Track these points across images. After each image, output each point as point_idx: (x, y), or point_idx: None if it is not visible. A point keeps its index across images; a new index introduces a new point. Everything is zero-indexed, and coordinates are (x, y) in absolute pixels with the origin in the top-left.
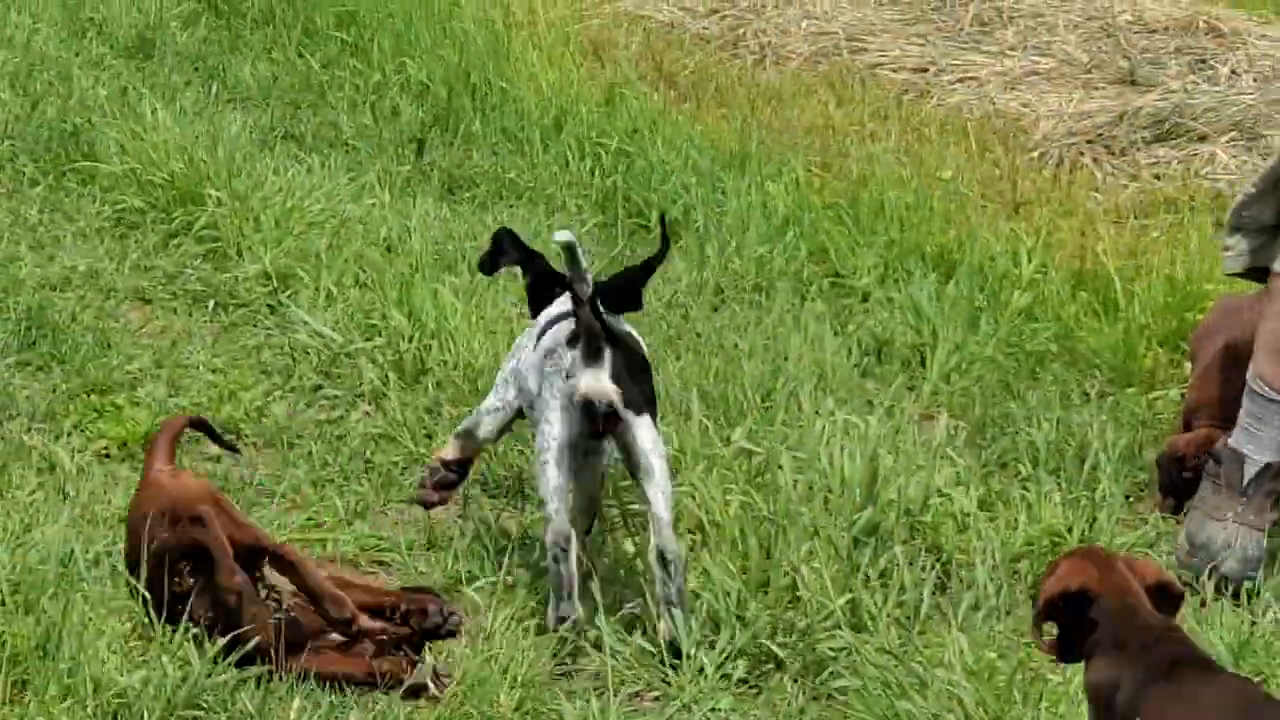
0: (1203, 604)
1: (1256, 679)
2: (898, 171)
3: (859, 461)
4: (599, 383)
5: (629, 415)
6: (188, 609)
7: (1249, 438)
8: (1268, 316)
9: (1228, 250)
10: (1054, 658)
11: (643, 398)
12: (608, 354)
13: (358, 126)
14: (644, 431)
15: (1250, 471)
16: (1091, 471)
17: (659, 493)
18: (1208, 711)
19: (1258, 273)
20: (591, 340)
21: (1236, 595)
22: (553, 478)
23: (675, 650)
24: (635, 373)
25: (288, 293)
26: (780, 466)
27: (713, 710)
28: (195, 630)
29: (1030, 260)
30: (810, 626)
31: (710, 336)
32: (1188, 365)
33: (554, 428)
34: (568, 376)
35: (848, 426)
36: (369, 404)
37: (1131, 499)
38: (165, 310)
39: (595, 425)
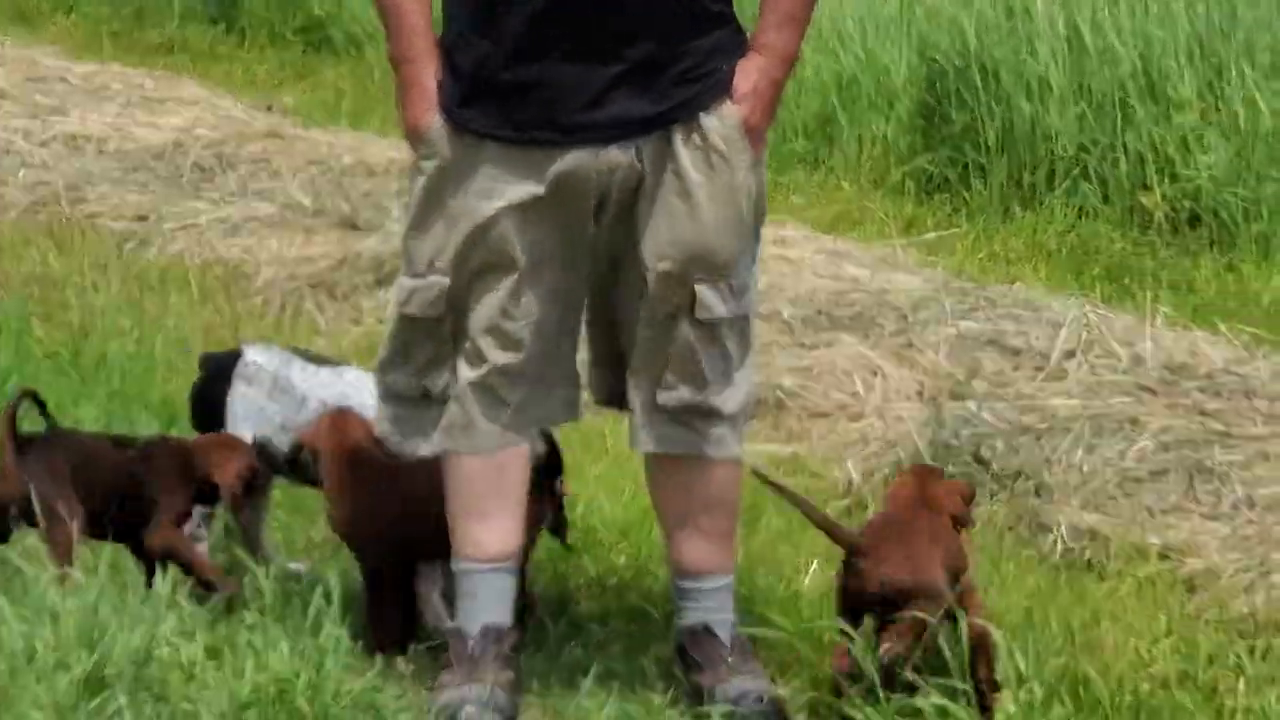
0: None
1: None
2: (119, 321)
3: (78, 615)
4: None
5: None
6: None
7: None
8: None
9: None
10: None
11: None
12: None
13: None
14: None
15: None
16: (316, 618)
17: None
18: None
19: None
20: None
21: None
22: None
23: None
24: None
25: None
26: (5, 624)
27: None
28: None
29: None
30: None
31: None
32: None
33: None
34: None
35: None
36: None
37: (361, 642)
38: None
39: None
